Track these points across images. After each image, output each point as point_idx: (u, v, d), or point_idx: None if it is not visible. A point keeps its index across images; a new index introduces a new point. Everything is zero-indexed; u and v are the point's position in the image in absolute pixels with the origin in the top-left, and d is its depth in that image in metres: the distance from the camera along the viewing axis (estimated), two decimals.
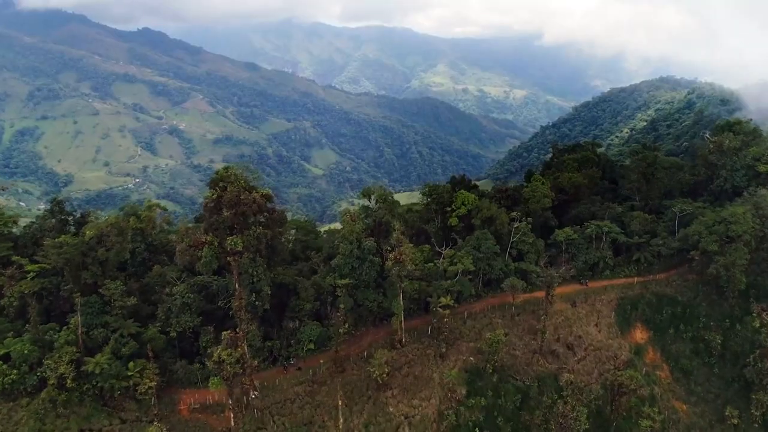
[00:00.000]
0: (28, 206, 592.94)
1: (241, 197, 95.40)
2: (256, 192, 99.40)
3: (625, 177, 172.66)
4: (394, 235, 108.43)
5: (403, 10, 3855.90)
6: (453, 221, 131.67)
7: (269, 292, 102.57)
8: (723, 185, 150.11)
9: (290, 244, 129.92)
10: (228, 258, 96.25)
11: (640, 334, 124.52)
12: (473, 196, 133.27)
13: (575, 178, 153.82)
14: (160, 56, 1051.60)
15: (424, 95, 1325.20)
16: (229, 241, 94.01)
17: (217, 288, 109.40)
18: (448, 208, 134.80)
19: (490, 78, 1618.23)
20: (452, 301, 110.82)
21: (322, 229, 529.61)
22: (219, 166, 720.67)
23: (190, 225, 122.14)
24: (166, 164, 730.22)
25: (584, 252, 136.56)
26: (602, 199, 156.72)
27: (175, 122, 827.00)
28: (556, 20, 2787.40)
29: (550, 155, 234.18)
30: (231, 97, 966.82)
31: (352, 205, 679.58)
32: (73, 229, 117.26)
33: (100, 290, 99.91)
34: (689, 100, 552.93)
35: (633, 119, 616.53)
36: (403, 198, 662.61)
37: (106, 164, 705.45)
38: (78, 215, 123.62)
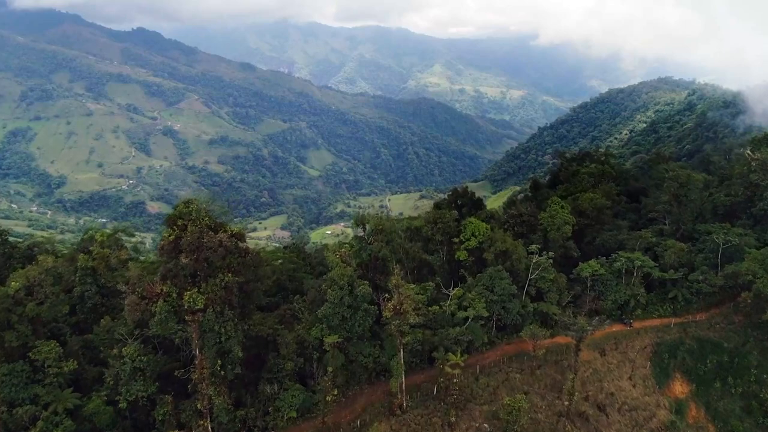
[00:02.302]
0: (20, 208, 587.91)
1: (204, 240, 77.37)
2: (224, 231, 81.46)
3: (648, 194, 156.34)
4: (393, 280, 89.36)
5: (398, 10, 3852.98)
6: (461, 255, 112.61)
7: (240, 354, 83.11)
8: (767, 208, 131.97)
9: (272, 278, 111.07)
10: (187, 317, 78.04)
11: (680, 388, 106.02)
12: (484, 225, 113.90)
13: (597, 200, 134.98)
14: (155, 56, 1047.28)
15: (420, 96, 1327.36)
16: (186, 297, 75.78)
17: (180, 341, 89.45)
18: (456, 239, 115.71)
19: (487, 78, 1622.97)
20: (462, 358, 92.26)
21: (314, 234, 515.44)
22: (214, 167, 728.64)
23: (152, 259, 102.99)
24: (161, 165, 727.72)
25: (613, 289, 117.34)
26: (627, 223, 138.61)
27: (169, 123, 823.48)
28: (552, 20, 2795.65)
29: (549, 158, 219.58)
30: (226, 97, 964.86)
31: (349, 207, 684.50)
32: (20, 266, 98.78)
33: (30, 354, 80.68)
34: (690, 101, 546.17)
35: (632, 120, 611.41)
36: (400, 200, 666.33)
37: (100, 165, 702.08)
38: (25, 247, 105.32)
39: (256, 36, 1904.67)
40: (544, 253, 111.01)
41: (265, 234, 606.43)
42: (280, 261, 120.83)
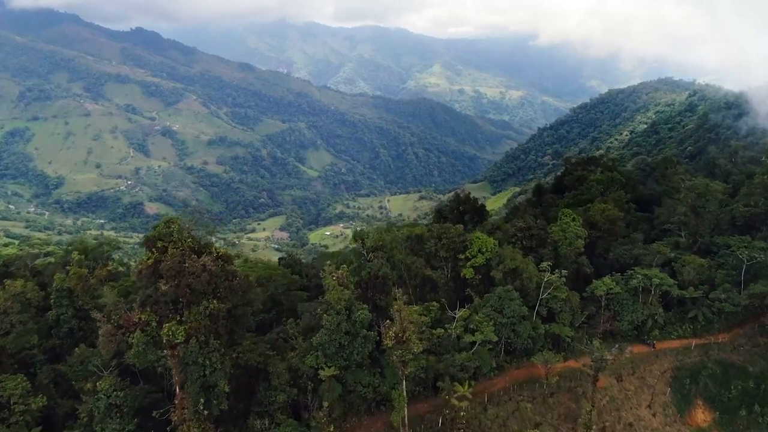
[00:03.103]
0: (17, 209, 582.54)
1: (186, 264, 69.82)
2: (209, 253, 73.82)
3: (660, 202, 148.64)
4: (395, 306, 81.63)
5: (397, 10, 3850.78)
6: (467, 273, 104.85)
7: (227, 389, 74.49)
8: None
9: (263, 297, 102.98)
10: (166, 352, 70.54)
11: (702, 416, 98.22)
12: (492, 241, 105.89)
13: (610, 211, 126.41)
14: (154, 56, 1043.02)
15: (420, 96, 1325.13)
16: (165, 330, 68.22)
17: (164, 369, 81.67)
18: (461, 256, 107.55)
19: (486, 79, 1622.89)
20: (469, 388, 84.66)
21: (313, 235, 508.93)
22: (213, 167, 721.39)
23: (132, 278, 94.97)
24: (159, 166, 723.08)
25: (630, 309, 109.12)
26: (642, 236, 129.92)
27: (168, 123, 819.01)
28: (551, 20, 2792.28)
29: (549, 158, 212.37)
30: (225, 97, 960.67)
31: (348, 207, 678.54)
32: None
33: None
34: (691, 102, 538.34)
35: (632, 121, 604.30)
36: (400, 201, 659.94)
37: (98, 166, 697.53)
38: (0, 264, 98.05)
39: (255, 36, 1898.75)
40: (557, 270, 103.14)
41: (264, 235, 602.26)
42: (273, 278, 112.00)
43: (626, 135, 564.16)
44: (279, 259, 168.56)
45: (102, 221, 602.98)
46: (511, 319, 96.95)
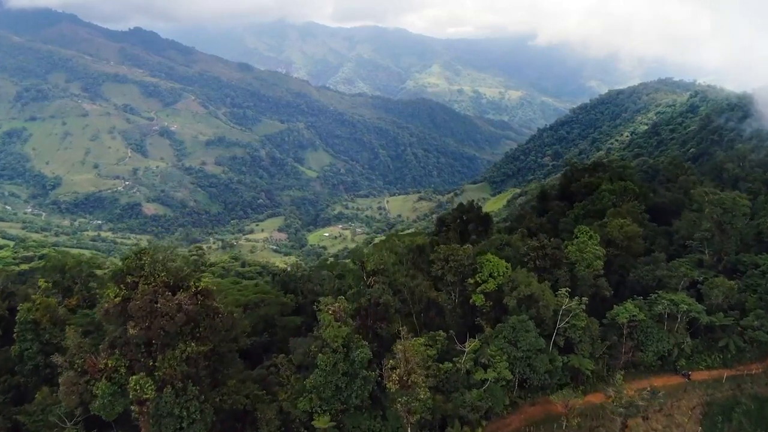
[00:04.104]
0: (14, 210, 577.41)
1: (158, 303, 60.68)
2: (186, 289, 64.71)
3: (670, 210, 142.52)
4: (399, 346, 72.05)
5: (396, 10, 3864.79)
6: (478, 300, 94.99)
7: None
8: None
9: (255, 319, 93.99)
10: (133, 407, 61.11)
11: None
12: (504, 264, 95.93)
13: (628, 227, 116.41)
14: (152, 56, 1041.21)
15: (419, 96, 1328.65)
16: (132, 384, 59.02)
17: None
18: (470, 280, 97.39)
19: (485, 79, 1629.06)
20: (480, 429, 75.48)
21: (312, 236, 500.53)
22: (211, 168, 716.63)
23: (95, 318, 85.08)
24: (157, 166, 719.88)
25: (655, 338, 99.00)
26: (664, 255, 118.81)
27: (166, 123, 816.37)
28: (550, 20, 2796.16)
29: (549, 159, 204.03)
30: (223, 97, 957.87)
31: (347, 208, 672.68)
32: None
33: None
34: (692, 103, 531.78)
35: (633, 122, 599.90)
36: (399, 201, 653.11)
37: (96, 166, 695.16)
38: None
39: (254, 36, 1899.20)
40: (576, 297, 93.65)
41: (263, 236, 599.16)
42: (265, 301, 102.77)
43: (627, 136, 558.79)
44: (273, 275, 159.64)
45: (99, 222, 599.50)
46: (527, 352, 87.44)
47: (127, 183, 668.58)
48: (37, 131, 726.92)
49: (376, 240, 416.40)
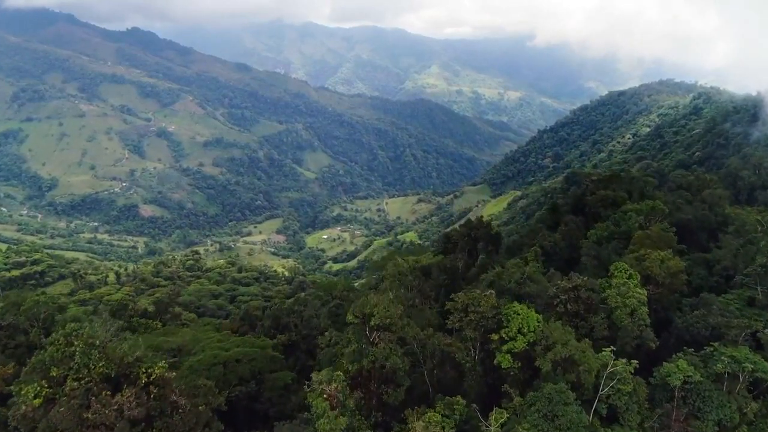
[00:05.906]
0: (9, 211, 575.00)
1: (90, 413, 48.39)
2: (134, 381, 53.10)
3: (721, 242, 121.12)
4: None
5: (394, 10, 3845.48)
6: (504, 362, 75.39)
7: None
8: None
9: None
10: None
11: None
12: (535, 316, 77.43)
13: (671, 261, 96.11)
14: (150, 56, 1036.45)
15: (417, 97, 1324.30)
16: None
17: None
18: (494, 336, 77.36)
19: (484, 79, 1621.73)
20: None
21: (310, 239, 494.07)
22: (209, 169, 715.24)
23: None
24: (154, 168, 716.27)
25: (715, 403, 75.39)
26: (720, 301, 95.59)
27: (163, 124, 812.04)
28: (549, 21, 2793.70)
29: (549, 161, 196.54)
30: (221, 98, 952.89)
31: (345, 210, 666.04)
32: None
33: None
34: (695, 105, 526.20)
35: (634, 124, 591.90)
36: (398, 203, 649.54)
37: (92, 168, 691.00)
38: None
39: (252, 36, 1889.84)
40: (623, 360, 73.35)
41: (260, 238, 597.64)
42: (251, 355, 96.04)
43: (629, 138, 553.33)
44: (263, 309, 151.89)
45: (96, 224, 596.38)
46: (565, 428, 68.40)
47: (124, 184, 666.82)
48: (34, 132, 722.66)
49: (375, 254, 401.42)
